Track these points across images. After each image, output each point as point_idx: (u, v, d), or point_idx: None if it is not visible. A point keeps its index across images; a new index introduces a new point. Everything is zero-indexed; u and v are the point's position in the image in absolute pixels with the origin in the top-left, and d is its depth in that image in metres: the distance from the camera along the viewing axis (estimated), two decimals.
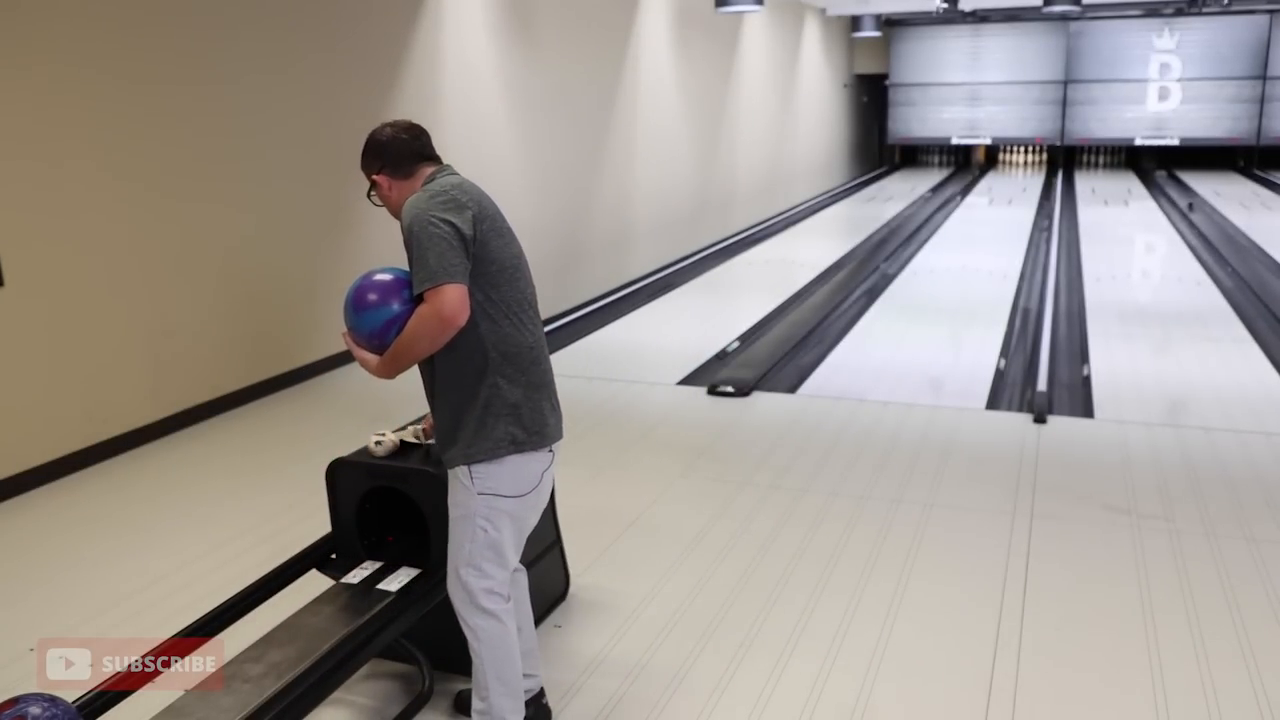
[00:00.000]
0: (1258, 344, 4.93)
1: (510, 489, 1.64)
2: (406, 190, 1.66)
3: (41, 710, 1.34)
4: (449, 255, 1.54)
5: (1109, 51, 13.72)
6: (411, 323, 1.58)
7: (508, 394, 1.63)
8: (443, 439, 1.68)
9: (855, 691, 1.99)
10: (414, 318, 1.58)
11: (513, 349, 1.64)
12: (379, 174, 1.68)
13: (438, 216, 1.56)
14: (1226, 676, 2.03)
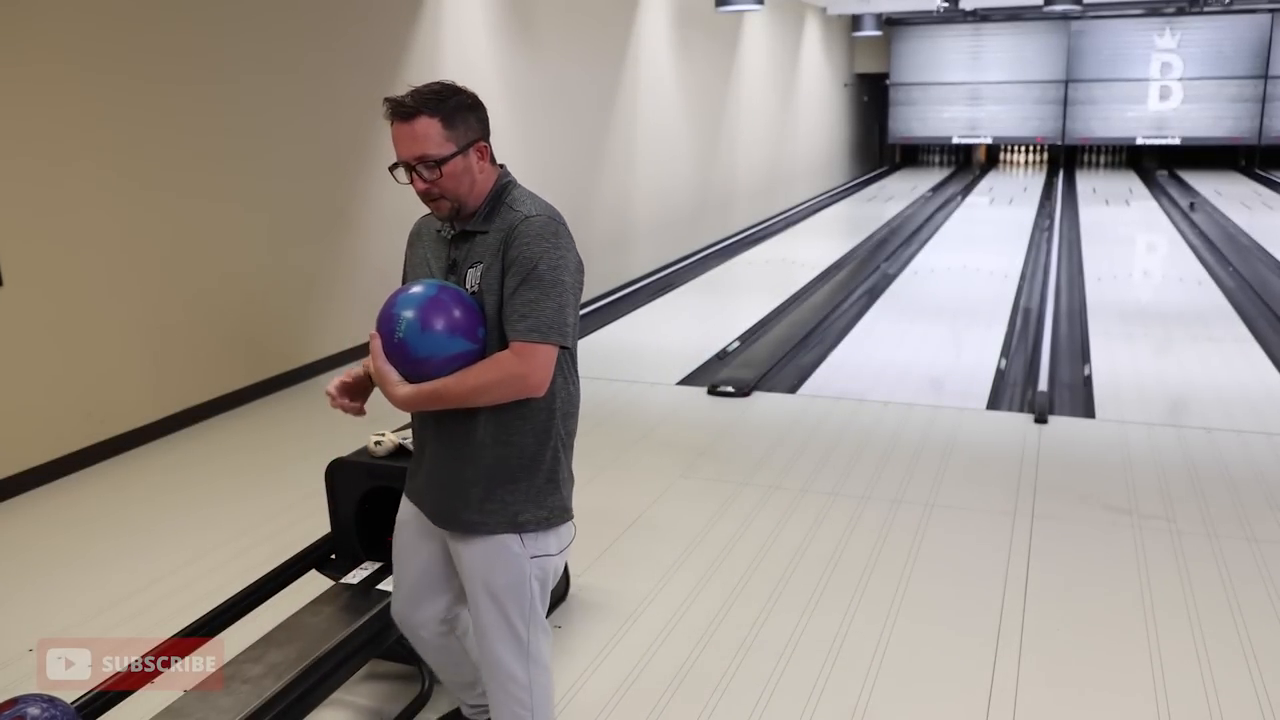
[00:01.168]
0: (1259, 344, 4.92)
1: (558, 546, 1.48)
2: (490, 178, 1.35)
3: (41, 711, 1.34)
4: (568, 313, 1.31)
5: (1110, 51, 13.70)
6: (489, 373, 1.29)
7: (566, 460, 1.46)
8: (473, 501, 1.38)
9: (855, 692, 1.99)
10: (494, 367, 1.29)
11: (573, 409, 1.45)
12: (481, 142, 1.33)
13: (574, 260, 1.32)
14: (1227, 676, 2.03)
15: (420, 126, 1.30)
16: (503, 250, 1.31)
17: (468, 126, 1.32)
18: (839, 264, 7.42)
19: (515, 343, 1.29)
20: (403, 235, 1.57)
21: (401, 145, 1.32)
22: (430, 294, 1.31)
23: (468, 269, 1.35)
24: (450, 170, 1.30)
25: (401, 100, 1.31)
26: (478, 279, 1.34)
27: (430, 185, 1.31)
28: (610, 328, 5.47)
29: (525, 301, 1.29)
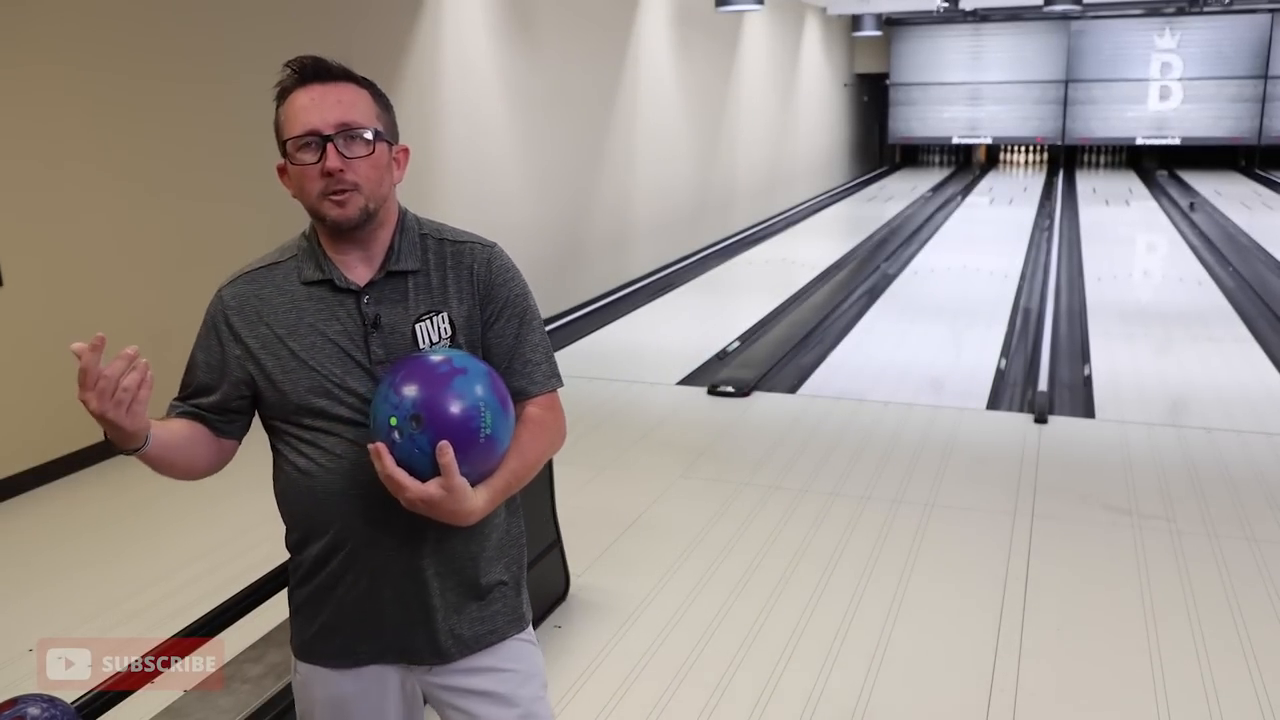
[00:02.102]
0: (1259, 344, 4.92)
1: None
2: (395, 200, 1.06)
3: (41, 710, 1.33)
4: None
5: (1110, 51, 13.70)
6: (542, 439, 1.05)
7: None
8: (487, 602, 1.08)
9: (856, 692, 1.99)
10: (543, 431, 1.05)
11: None
12: (403, 148, 1.06)
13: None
14: (1227, 676, 2.03)
15: (348, 92, 1.01)
16: (473, 290, 1.04)
17: (393, 121, 1.06)
18: (839, 264, 7.42)
19: (542, 395, 1.07)
20: None
21: (314, 110, 1.00)
22: (478, 364, 0.97)
23: (418, 322, 1.02)
24: (377, 157, 1.00)
25: (320, 59, 1.02)
26: (445, 330, 1.02)
27: (346, 168, 0.98)
28: (610, 328, 5.47)
29: (533, 346, 1.07)
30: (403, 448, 0.91)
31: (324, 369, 1.02)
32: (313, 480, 1.06)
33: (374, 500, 1.00)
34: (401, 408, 0.91)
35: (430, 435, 0.90)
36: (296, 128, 1.02)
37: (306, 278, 1.04)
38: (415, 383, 0.92)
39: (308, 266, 1.05)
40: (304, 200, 1.03)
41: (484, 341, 1.05)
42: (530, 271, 1.69)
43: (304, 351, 1.02)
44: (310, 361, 1.02)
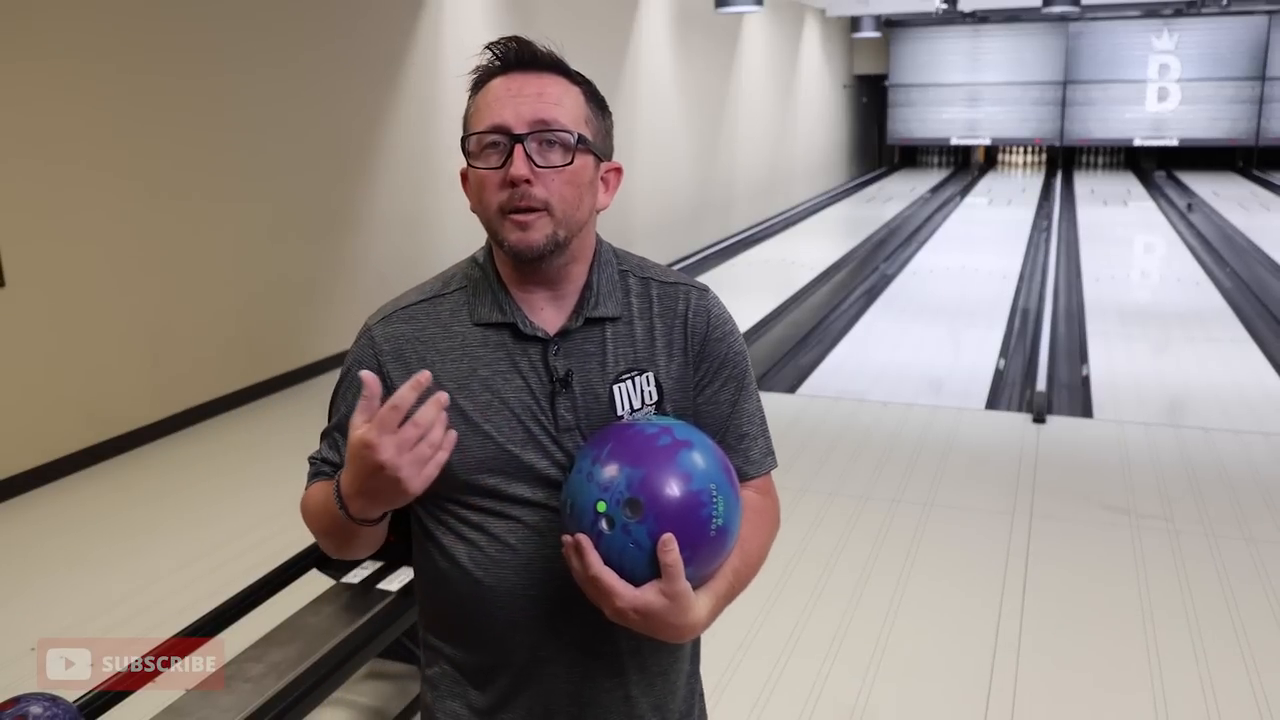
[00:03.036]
0: (1256, 344, 4.93)
1: None
2: (594, 229, 0.84)
3: (43, 709, 1.34)
4: None
5: (1108, 52, 13.72)
6: (764, 527, 0.90)
7: None
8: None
9: (855, 691, 1.99)
10: (766, 524, 0.90)
11: None
12: (615, 167, 0.84)
13: None
14: (1225, 676, 2.03)
15: (555, 85, 0.79)
16: (685, 345, 0.84)
17: (607, 130, 0.83)
18: (838, 264, 7.43)
19: (760, 478, 0.89)
20: (404, 236, 1.21)
21: (509, 103, 0.78)
22: (703, 437, 0.78)
23: (617, 383, 0.81)
24: (577, 171, 0.78)
25: (527, 42, 0.80)
26: (650, 394, 0.82)
27: (535, 179, 0.77)
28: None
29: (749, 416, 0.90)
30: (613, 541, 0.71)
31: (502, 435, 0.79)
32: (476, 578, 0.81)
33: (561, 606, 0.79)
34: (613, 490, 0.71)
35: (650, 526, 0.71)
36: (483, 121, 0.79)
37: (481, 318, 0.81)
38: (630, 459, 0.72)
39: (483, 304, 0.81)
40: (482, 216, 0.80)
41: (695, 408, 0.85)
42: None
43: (478, 412, 0.79)
44: (485, 425, 0.79)
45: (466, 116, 0.82)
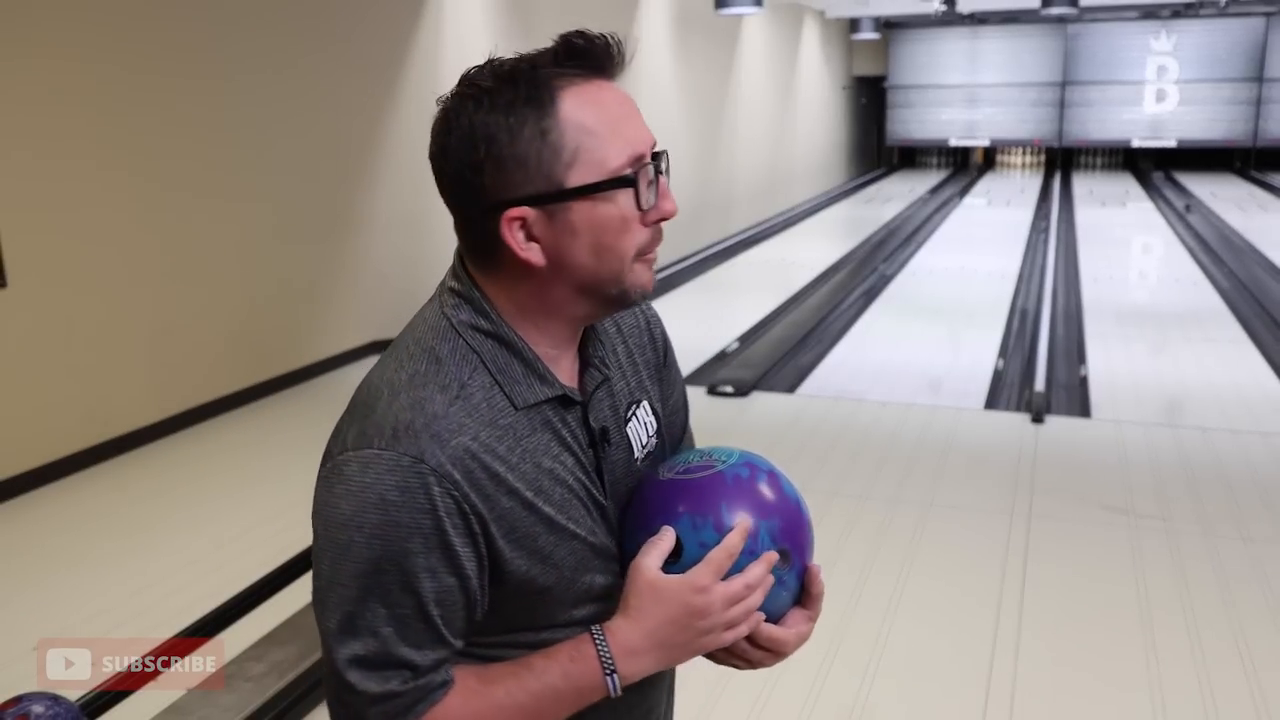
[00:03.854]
0: (1254, 344, 4.94)
1: None
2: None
3: (45, 708, 1.34)
4: None
5: (1106, 53, 13.74)
6: None
7: None
8: None
9: (854, 690, 2.00)
10: None
11: None
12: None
13: None
14: (1223, 675, 2.04)
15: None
16: (656, 359, 0.78)
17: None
18: (838, 265, 7.43)
19: None
20: (405, 237, 1.19)
21: (636, 123, 0.65)
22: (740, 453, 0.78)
23: (627, 423, 0.73)
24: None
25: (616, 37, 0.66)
26: (650, 424, 0.76)
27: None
28: None
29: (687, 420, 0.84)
30: (772, 596, 0.68)
31: (584, 529, 0.68)
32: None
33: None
34: (760, 547, 0.66)
35: (797, 568, 0.70)
36: (620, 144, 0.62)
37: (525, 400, 0.65)
38: (751, 508, 0.67)
39: (519, 382, 0.65)
40: (599, 268, 0.64)
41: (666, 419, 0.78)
42: None
43: (560, 514, 0.66)
44: (571, 526, 0.67)
45: (555, 138, 0.61)
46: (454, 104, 0.62)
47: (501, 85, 0.61)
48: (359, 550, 0.59)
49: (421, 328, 0.66)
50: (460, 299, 0.66)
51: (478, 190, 0.62)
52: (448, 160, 0.62)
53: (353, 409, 0.64)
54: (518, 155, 0.61)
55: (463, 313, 0.66)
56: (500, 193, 0.62)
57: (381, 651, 0.60)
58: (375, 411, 0.62)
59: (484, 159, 0.61)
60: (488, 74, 0.62)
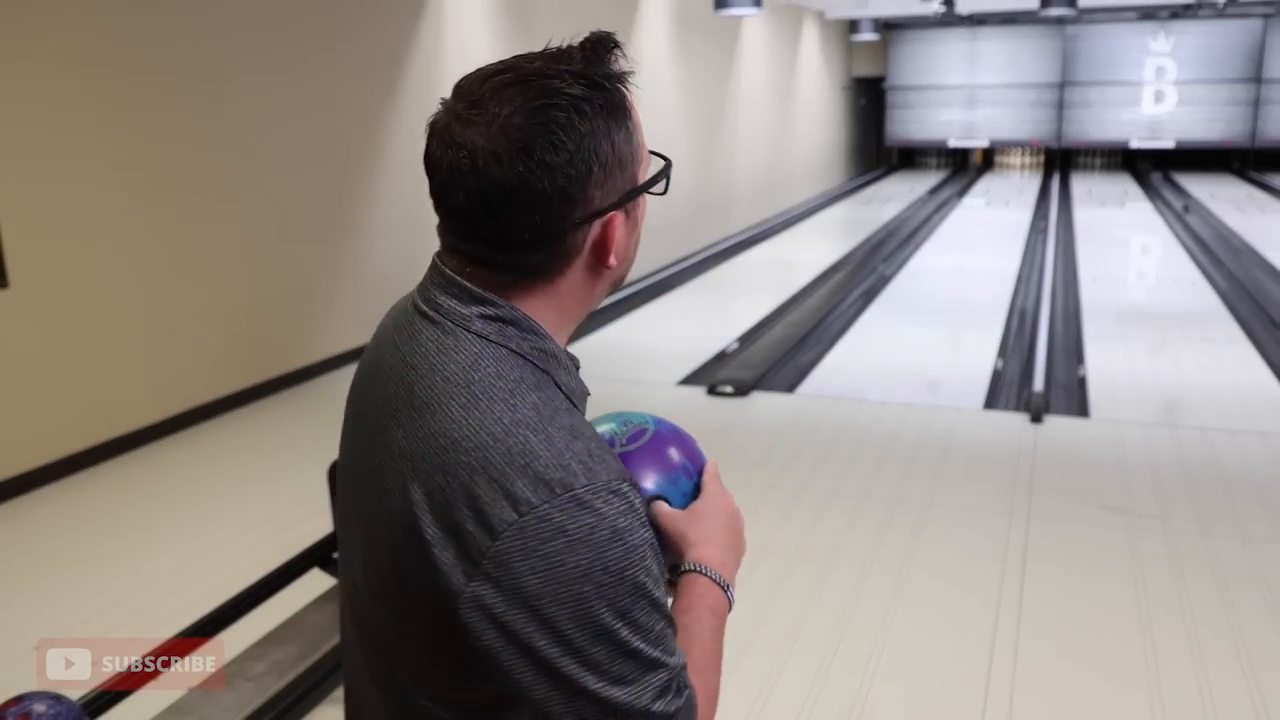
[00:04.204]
0: (1253, 344, 4.95)
1: None
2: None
3: (46, 708, 1.34)
4: None
5: (1105, 54, 13.76)
6: None
7: None
8: None
9: (853, 690, 2.00)
10: None
11: None
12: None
13: None
14: (1222, 674, 2.04)
15: None
16: None
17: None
18: (837, 265, 7.44)
19: None
20: (405, 237, 1.20)
21: None
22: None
23: None
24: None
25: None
26: None
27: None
28: (610, 328, 5.48)
29: None
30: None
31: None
32: None
33: None
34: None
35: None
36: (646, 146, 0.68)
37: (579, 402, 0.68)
38: (682, 448, 0.76)
39: (575, 386, 0.68)
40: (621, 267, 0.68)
41: None
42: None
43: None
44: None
45: (636, 141, 0.65)
46: (540, 113, 0.59)
47: (592, 91, 0.63)
48: (611, 591, 0.56)
49: (481, 366, 0.61)
50: (501, 322, 0.62)
51: (580, 202, 0.61)
52: (547, 174, 0.58)
53: (490, 471, 0.57)
54: (620, 159, 0.63)
55: (511, 335, 0.63)
56: (603, 200, 0.62)
57: (668, 674, 0.60)
58: (538, 458, 0.57)
59: (593, 168, 0.60)
60: (564, 77, 0.62)
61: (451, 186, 0.60)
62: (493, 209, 0.59)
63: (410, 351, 0.63)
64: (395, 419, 0.62)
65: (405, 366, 0.63)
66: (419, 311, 0.64)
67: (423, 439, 0.60)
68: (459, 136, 0.59)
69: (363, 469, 0.65)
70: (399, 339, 0.65)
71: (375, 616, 0.65)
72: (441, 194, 0.62)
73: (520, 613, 0.55)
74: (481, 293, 0.63)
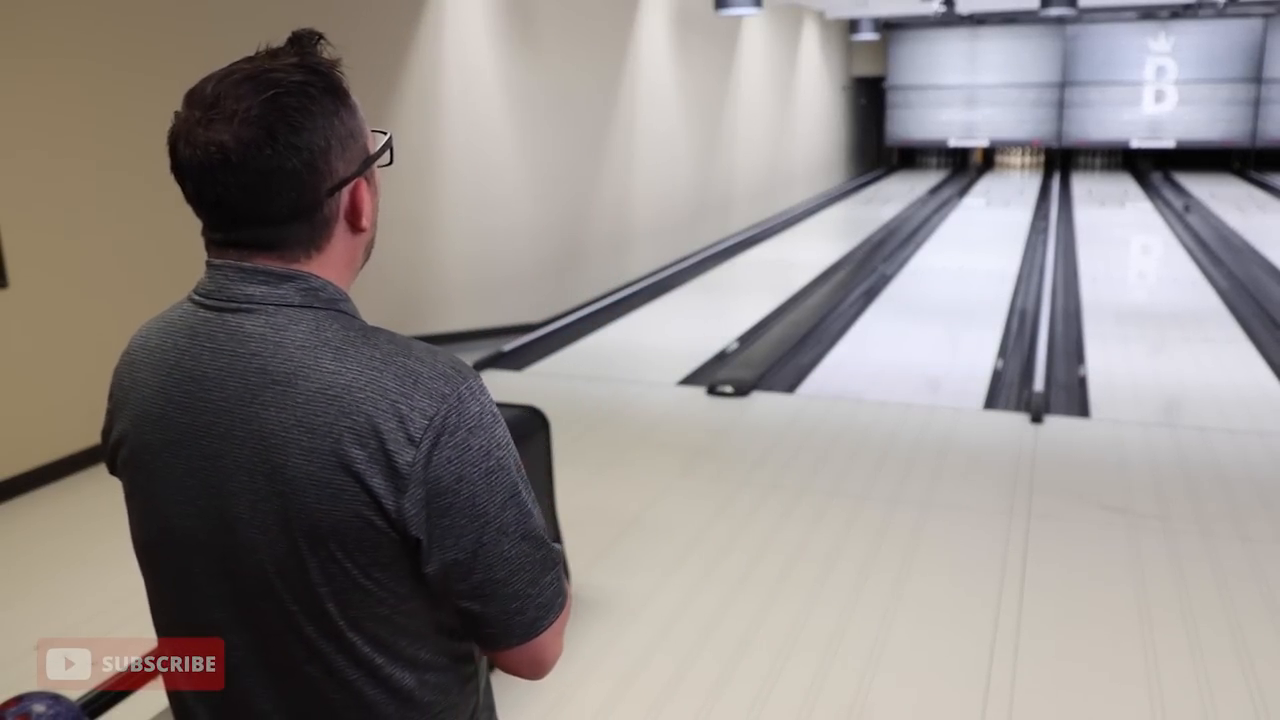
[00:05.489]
0: (1253, 344, 4.95)
1: None
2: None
3: (46, 708, 1.34)
4: None
5: (1105, 54, 13.75)
6: None
7: None
8: None
9: (853, 690, 2.00)
10: None
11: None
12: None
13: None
14: (1221, 674, 2.04)
15: None
16: None
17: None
18: (837, 265, 7.44)
19: None
20: (405, 236, 1.19)
21: None
22: None
23: None
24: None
25: None
26: None
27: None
28: (610, 328, 5.48)
29: None
30: None
31: None
32: None
33: None
34: None
35: None
36: (366, 121, 0.77)
37: None
38: None
39: None
40: (372, 225, 0.76)
41: None
42: (530, 272, 1.67)
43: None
44: None
45: (353, 115, 0.73)
46: (274, 101, 0.66)
47: (312, 76, 0.70)
48: (507, 459, 0.71)
49: (325, 326, 0.69)
50: (314, 290, 0.69)
51: (326, 174, 0.68)
52: (294, 153, 0.66)
53: (388, 396, 0.66)
54: (351, 132, 0.71)
55: (327, 298, 0.70)
56: (345, 170, 0.70)
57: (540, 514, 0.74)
58: (421, 375, 0.68)
59: (331, 142, 0.68)
60: (284, 69, 0.69)
61: (209, 184, 0.67)
62: (254, 194, 0.66)
63: (237, 345, 0.68)
64: (256, 404, 0.67)
65: (241, 359, 0.68)
66: (224, 310, 0.69)
67: (305, 401, 0.66)
68: (204, 137, 0.66)
69: (222, 470, 0.68)
70: (206, 346, 0.69)
71: (277, 568, 0.69)
72: (200, 194, 0.68)
73: (449, 498, 0.67)
74: (284, 270, 0.69)
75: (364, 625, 0.69)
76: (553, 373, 4.48)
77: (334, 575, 0.67)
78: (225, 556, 0.70)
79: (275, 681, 0.72)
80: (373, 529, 0.66)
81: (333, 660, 0.70)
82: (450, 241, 4.96)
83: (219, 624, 0.73)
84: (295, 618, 0.69)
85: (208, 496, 0.69)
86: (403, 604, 0.70)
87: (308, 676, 0.71)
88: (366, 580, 0.68)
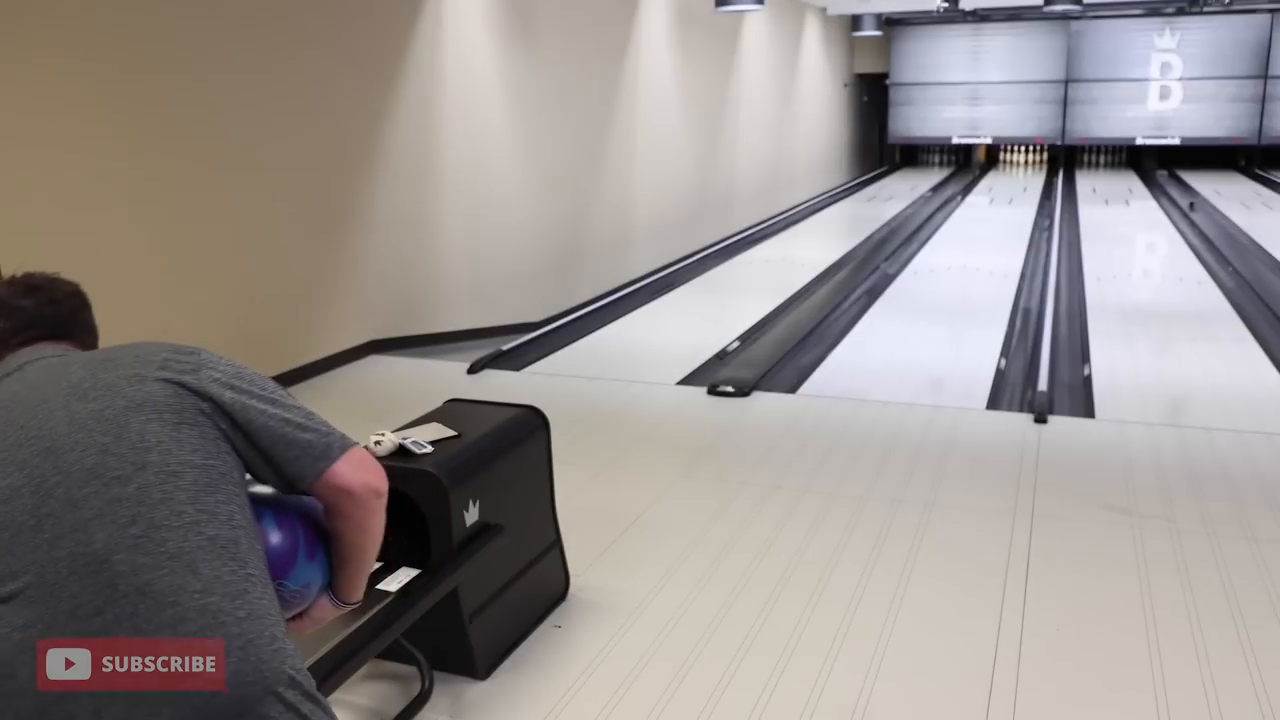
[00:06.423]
0: (1259, 343, 4.92)
1: None
2: None
3: None
4: None
5: (1110, 51, 13.70)
6: None
7: None
8: None
9: (856, 691, 1.99)
10: None
11: None
12: None
13: None
14: (1227, 675, 2.03)
15: None
16: None
17: None
18: (839, 264, 7.42)
19: None
20: (404, 236, 1.28)
21: None
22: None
23: None
24: None
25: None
26: None
27: None
28: (610, 328, 5.47)
29: None
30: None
31: None
32: None
33: None
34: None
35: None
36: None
37: None
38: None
39: None
40: None
41: None
42: (530, 272, 1.66)
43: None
44: None
45: None
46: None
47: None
48: (262, 378, 1.05)
49: (94, 350, 1.16)
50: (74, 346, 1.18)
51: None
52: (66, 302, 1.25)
53: (166, 347, 1.02)
54: None
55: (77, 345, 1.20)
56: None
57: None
58: (170, 342, 1.05)
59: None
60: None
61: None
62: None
63: (63, 370, 1.01)
64: (76, 397, 0.94)
65: (60, 377, 0.99)
66: (52, 358, 1.07)
67: (113, 369, 0.97)
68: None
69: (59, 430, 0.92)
70: (47, 377, 1.00)
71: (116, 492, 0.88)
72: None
73: (236, 387, 0.97)
74: (54, 343, 1.14)
75: None
76: (552, 372, 4.47)
77: None
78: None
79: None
80: None
81: None
82: (449, 240, 4.95)
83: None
84: None
85: (51, 451, 0.94)
86: None
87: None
88: None
